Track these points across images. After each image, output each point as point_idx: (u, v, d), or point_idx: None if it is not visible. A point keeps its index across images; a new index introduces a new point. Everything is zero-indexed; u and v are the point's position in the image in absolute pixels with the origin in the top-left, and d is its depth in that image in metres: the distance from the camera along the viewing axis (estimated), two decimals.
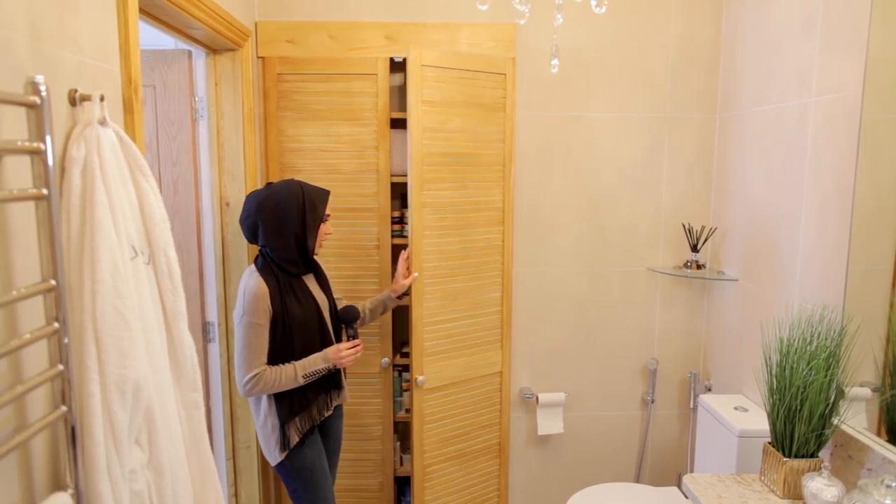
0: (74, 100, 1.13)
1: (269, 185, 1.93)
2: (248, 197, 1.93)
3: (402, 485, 2.81)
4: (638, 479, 2.86)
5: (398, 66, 2.56)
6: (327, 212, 2.01)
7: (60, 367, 1.00)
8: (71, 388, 1.02)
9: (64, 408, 1.01)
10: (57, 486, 1.05)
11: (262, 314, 1.83)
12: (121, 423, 1.11)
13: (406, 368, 2.71)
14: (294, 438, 1.92)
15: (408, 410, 2.70)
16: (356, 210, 2.52)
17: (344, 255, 2.54)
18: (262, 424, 1.94)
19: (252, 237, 1.92)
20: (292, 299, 1.90)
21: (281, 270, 1.91)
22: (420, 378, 2.33)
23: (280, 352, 1.88)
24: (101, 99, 1.13)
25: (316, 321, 1.95)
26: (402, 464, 2.78)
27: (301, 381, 1.89)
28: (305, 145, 2.48)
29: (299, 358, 1.91)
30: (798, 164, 2.04)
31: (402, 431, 2.84)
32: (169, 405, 1.24)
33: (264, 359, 1.86)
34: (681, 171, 2.68)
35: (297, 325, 1.90)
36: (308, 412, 1.95)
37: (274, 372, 1.85)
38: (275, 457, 1.93)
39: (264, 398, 1.92)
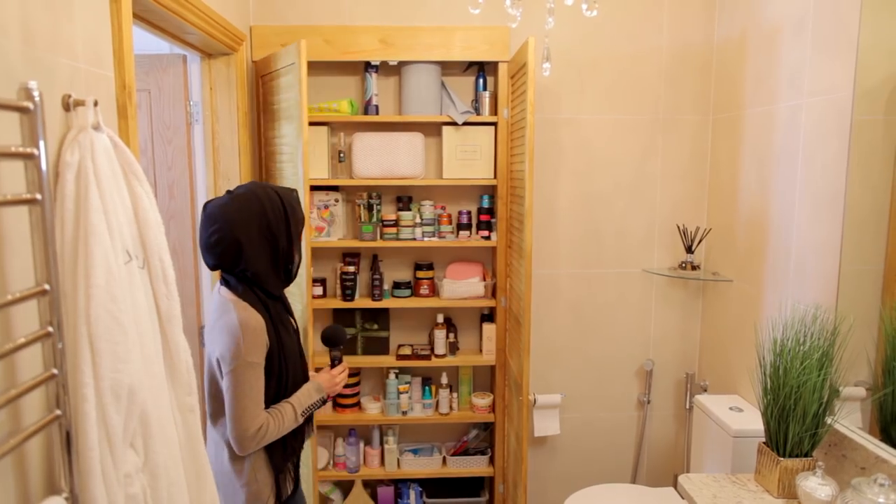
0: (68, 105, 1.13)
1: (229, 193, 1.54)
2: (210, 212, 1.51)
3: (401, 486, 2.81)
4: (634, 480, 2.87)
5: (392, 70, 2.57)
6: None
7: (55, 370, 1.00)
8: (65, 392, 1.02)
9: (58, 412, 1.01)
10: (52, 490, 1.05)
11: (260, 351, 1.50)
12: (115, 427, 1.11)
13: None
14: (288, 489, 1.64)
15: None
16: None
17: None
18: (245, 482, 1.55)
19: (230, 261, 1.51)
20: (282, 328, 1.59)
21: (266, 296, 1.56)
22: None
23: (274, 391, 1.56)
24: (95, 104, 1.13)
25: (298, 349, 1.67)
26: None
27: (300, 421, 1.59)
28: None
29: (290, 394, 1.60)
30: (791, 166, 2.05)
31: None
32: (164, 409, 1.24)
33: (263, 404, 1.52)
34: (675, 173, 2.69)
35: (290, 357, 1.60)
36: (297, 454, 1.67)
37: (276, 418, 1.53)
38: None
39: None
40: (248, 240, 1.49)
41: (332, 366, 1.76)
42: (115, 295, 1.11)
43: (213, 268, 1.55)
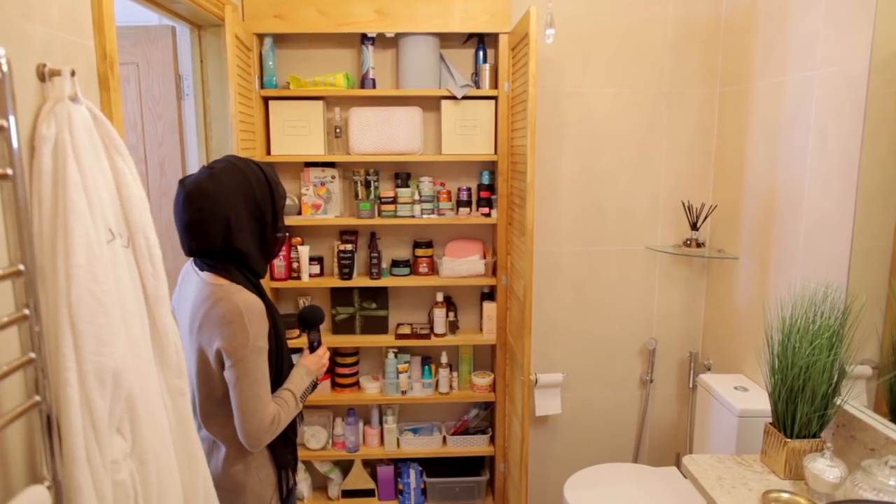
0: (43, 75, 1.07)
1: (208, 168, 1.41)
2: (190, 189, 1.36)
3: (400, 465, 2.79)
4: (636, 460, 2.85)
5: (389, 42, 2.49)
6: None
7: (32, 355, 0.96)
8: (45, 376, 0.97)
9: (37, 397, 0.96)
10: (33, 478, 1.01)
11: (265, 335, 1.41)
12: (100, 412, 1.06)
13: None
14: (290, 484, 1.57)
15: None
16: None
17: None
18: (246, 483, 1.46)
19: (216, 242, 1.38)
20: (274, 310, 1.50)
21: (254, 276, 1.47)
22: None
23: (274, 378, 1.47)
24: (73, 74, 1.07)
25: (284, 333, 1.58)
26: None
27: (300, 407, 1.51)
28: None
29: (283, 380, 1.52)
30: (801, 139, 1.99)
31: None
32: (152, 392, 1.20)
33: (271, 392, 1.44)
34: (680, 148, 2.62)
35: (284, 341, 1.53)
36: (295, 445, 1.61)
37: (282, 406, 1.44)
38: None
39: None
40: (235, 217, 1.38)
41: (312, 348, 1.64)
42: (97, 275, 1.06)
43: (193, 252, 1.41)
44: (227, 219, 1.37)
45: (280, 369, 1.50)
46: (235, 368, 1.36)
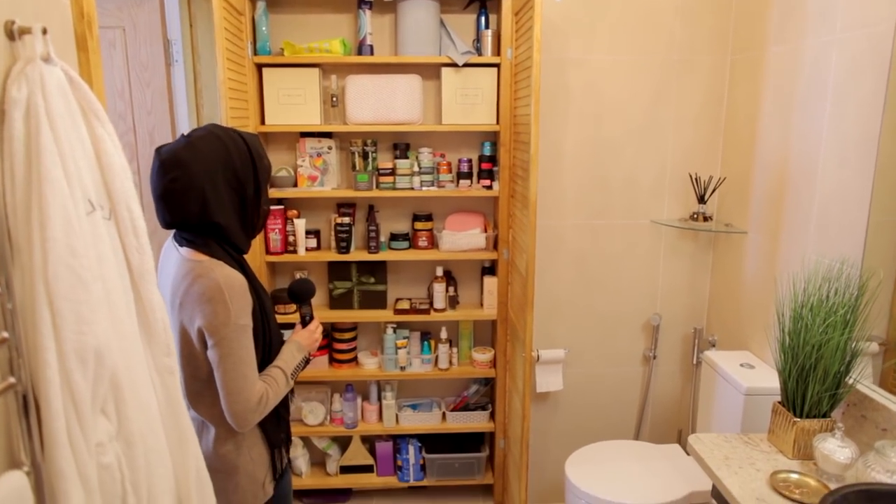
0: (12, 33, 0.99)
1: (186, 136, 1.35)
2: (166, 157, 1.30)
3: (399, 441, 2.77)
4: (637, 437, 2.82)
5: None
6: None
7: (5, 334, 0.90)
8: (20, 355, 0.92)
9: (12, 379, 0.91)
10: (11, 463, 0.96)
11: (248, 312, 1.34)
12: (82, 394, 1.01)
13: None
14: (283, 464, 1.53)
15: None
16: None
17: None
18: (238, 463, 1.41)
19: (192, 214, 1.32)
20: (259, 286, 1.44)
21: (237, 252, 1.42)
22: None
23: (261, 356, 1.42)
24: (44, 32, 0.99)
25: (272, 309, 1.52)
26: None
27: (291, 384, 1.46)
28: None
29: (273, 358, 1.47)
30: (818, 108, 1.91)
31: None
32: (138, 371, 1.14)
33: (258, 370, 1.39)
34: (688, 118, 2.54)
35: (270, 318, 1.47)
36: (288, 423, 1.56)
37: (270, 383, 1.39)
38: (259, 496, 1.45)
39: None
40: (212, 188, 1.31)
41: (304, 323, 1.57)
42: (75, 249, 1.00)
43: (169, 224, 1.35)
44: (203, 190, 1.31)
45: (268, 347, 1.45)
46: (218, 348, 1.30)
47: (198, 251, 1.34)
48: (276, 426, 1.49)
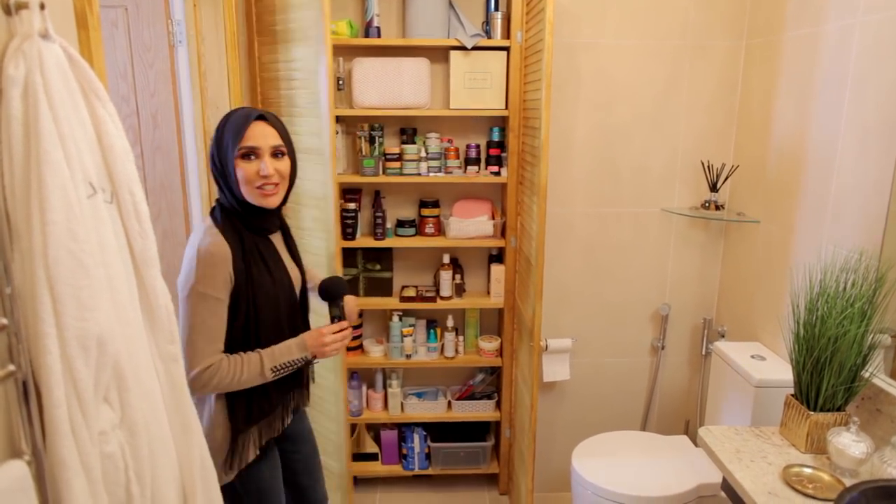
0: (9, 7, 0.95)
1: None
2: None
3: (405, 430, 2.75)
4: (644, 428, 2.80)
5: None
6: (253, 144, 1.40)
7: (4, 320, 0.87)
8: (19, 341, 0.89)
9: (12, 366, 0.88)
10: (12, 452, 0.94)
11: (220, 285, 1.35)
12: (85, 382, 0.99)
13: None
14: (250, 455, 1.47)
15: None
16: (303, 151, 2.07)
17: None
18: (207, 431, 1.41)
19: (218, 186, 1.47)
20: (261, 267, 1.43)
21: (246, 227, 1.44)
22: None
23: (241, 339, 1.41)
24: (42, 7, 0.96)
25: (288, 299, 1.51)
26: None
27: (268, 377, 1.41)
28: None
29: (265, 347, 1.44)
30: (836, 94, 1.86)
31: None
32: (141, 359, 1.12)
33: (221, 345, 1.38)
34: (701, 104, 2.49)
35: (265, 302, 1.43)
36: (269, 420, 1.50)
37: (233, 363, 1.38)
38: (220, 476, 1.41)
39: (212, 395, 1.43)
40: (212, 150, 1.45)
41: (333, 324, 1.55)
42: (76, 233, 0.97)
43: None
44: (211, 152, 1.46)
45: (252, 330, 1.43)
46: (180, 307, 1.35)
47: (210, 215, 1.47)
48: (246, 414, 1.44)
